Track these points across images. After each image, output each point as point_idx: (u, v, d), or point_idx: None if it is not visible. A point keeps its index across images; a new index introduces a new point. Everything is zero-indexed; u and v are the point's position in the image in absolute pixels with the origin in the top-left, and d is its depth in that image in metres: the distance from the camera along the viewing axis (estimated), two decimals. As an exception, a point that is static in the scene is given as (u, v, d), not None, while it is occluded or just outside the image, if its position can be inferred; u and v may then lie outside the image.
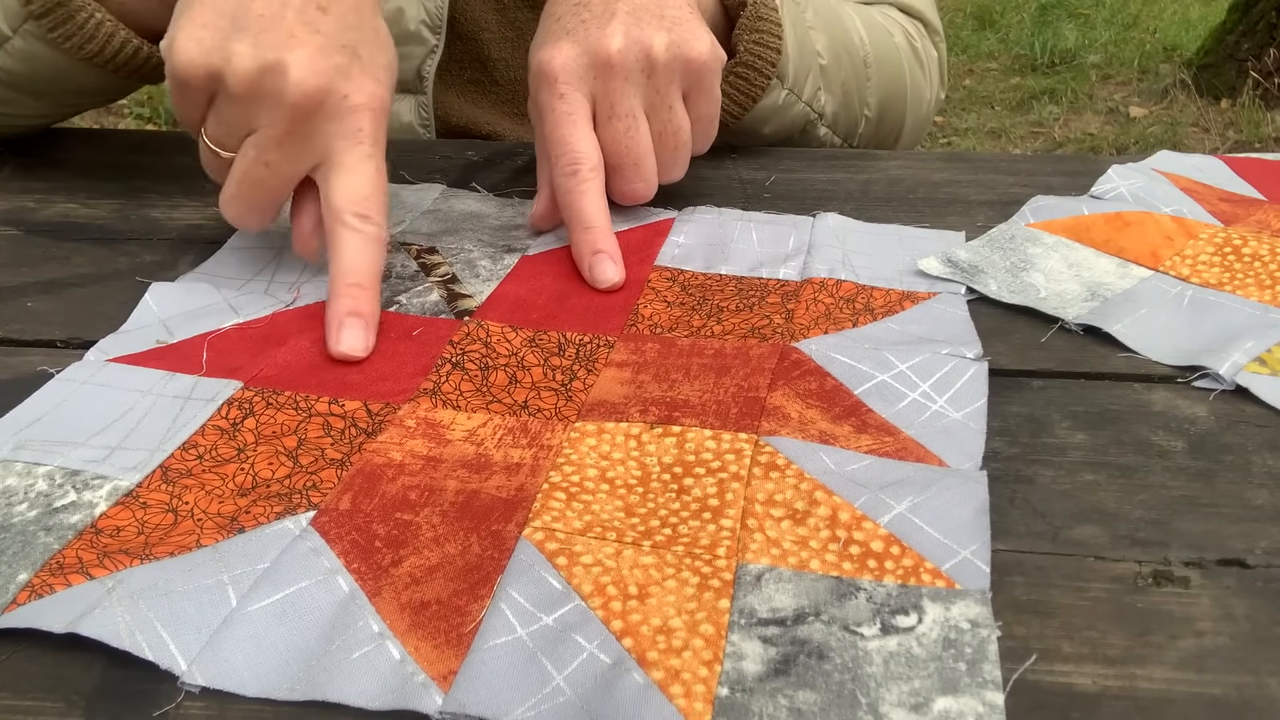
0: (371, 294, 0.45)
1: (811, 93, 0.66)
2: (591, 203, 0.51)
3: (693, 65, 0.52)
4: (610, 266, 0.50)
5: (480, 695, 0.28)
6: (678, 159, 0.55)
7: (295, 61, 0.44)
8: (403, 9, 0.75)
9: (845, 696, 0.28)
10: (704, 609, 0.30)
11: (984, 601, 0.31)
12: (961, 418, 0.39)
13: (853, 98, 0.70)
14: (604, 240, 0.51)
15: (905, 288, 0.49)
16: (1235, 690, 0.28)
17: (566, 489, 0.36)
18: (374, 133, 0.47)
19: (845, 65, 0.69)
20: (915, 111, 0.77)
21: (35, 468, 0.37)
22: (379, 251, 0.46)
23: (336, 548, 0.33)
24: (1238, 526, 0.34)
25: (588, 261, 0.50)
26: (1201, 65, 3.06)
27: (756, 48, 0.60)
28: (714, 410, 0.40)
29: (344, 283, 0.45)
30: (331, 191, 0.46)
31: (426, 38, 0.76)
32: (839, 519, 0.34)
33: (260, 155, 0.46)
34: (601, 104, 0.52)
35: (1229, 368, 0.41)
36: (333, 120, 0.46)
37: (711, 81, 0.54)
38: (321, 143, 0.46)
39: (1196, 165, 0.61)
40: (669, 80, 0.52)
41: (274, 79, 0.44)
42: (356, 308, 0.45)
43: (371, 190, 0.47)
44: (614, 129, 0.52)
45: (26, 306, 0.49)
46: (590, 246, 0.51)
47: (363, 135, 0.47)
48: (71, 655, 0.29)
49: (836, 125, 0.70)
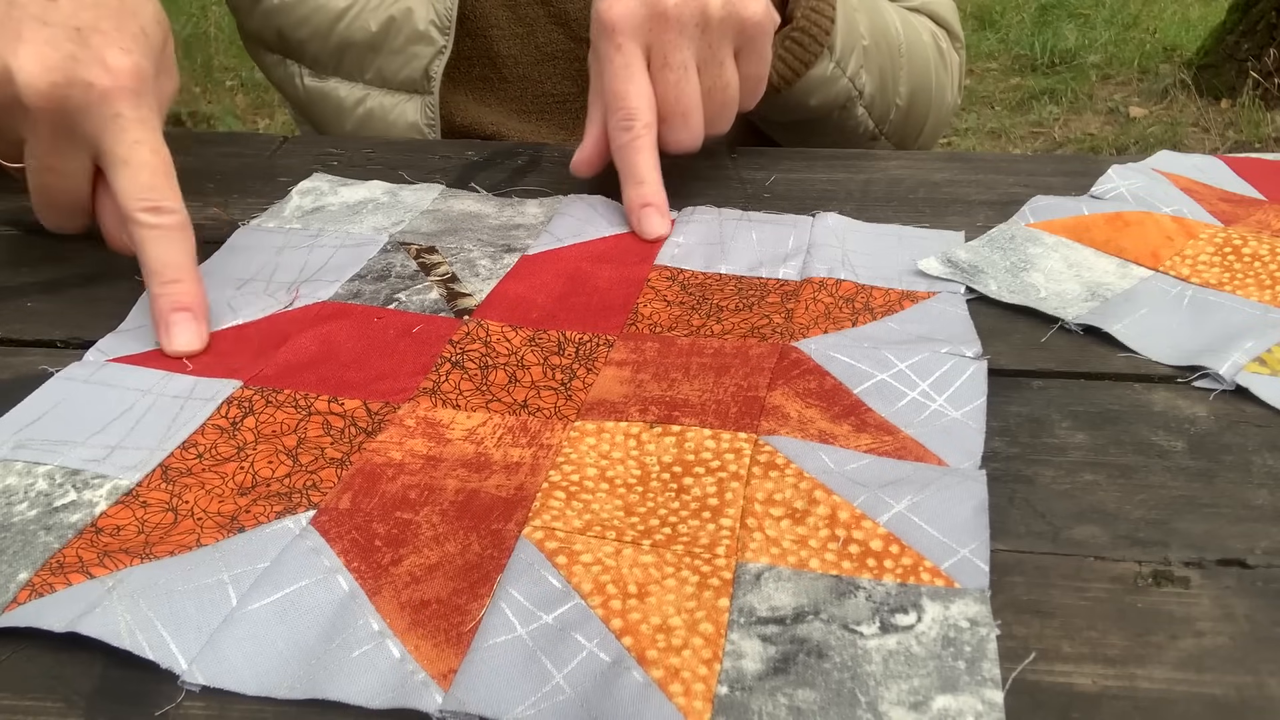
0: (190, 284, 0.44)
1: (855, 69, 0.69)
2: (645, 159, 0.53)
3: (746, 24, 0.54)
4: (658, 220, 0.53)
5: (480, 694, 0.28)
6: (724, 114, 0.56)
7: (21, 64, 0.42)
8: (412, 9, 0.75)
9: (845, 695, 0.28)
10: (703, 608, 0.30)
11: (983, 600, 0.31)
12: (961, 416, 0.39)
13: (888, 82, 0.72)
14: (654, 194, 0.54)
15: (905, 287, 0.49)
16: (1235, 690, 0.28)
17: (566, 488, 0.36)
18: (137, 113, 0.44)
19: (884, 49, 0.72)
20: (939, 109, 0.79)
21: (35, 467, 0.37)
22: (183, 238, 0.45)
23: (336, 547, 0.33)
24: (1238, 526, 0.34)
25: (638, 214, 0.53)
26: (1201, 65, 3.06)
27: (813, 14, 0.63)
28: (713, 409, 0.40)
29: (158, 282, 0.44)
30: (116, 192, 0.45)
31: (435, 38, 0.76)
32: (838, 518, 0.34)
33: (40, 163, 0.45)
34: (655, 53, 0.53)
35: (1229, 368, 0.41)
36: (84, 113, 0.43)
37: (763, 42, 0.55)
38: (86, 139, 0.44)
39: (1196, 165, 0.61)
40: (722, 36, 0.54)
41: (5, 87, 0.42)
42: (178, 303, 0.44)
43: (151, 177, 0.44)
44: (666, 79, 0.53)
45: (26, 306, 0.49)
46: (640, 199, 0.54)
47: (123, 120, 0.44)
48: (71, 655, 0.29)
49: (873, 108, 0.72)
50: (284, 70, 0.84)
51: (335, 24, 0.79)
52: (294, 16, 0.80)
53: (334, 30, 0.79)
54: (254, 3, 0.81)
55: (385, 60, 0.79)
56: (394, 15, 0.76)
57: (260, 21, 0.82)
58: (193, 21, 3.54)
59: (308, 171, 0.63)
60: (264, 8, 0.81)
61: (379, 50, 0.78)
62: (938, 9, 0.82)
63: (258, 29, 0.83)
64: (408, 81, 0.79)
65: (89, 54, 0.43)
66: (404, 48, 0.77)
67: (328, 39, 0.80)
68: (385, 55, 0.78)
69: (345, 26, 0.79)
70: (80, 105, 0.43)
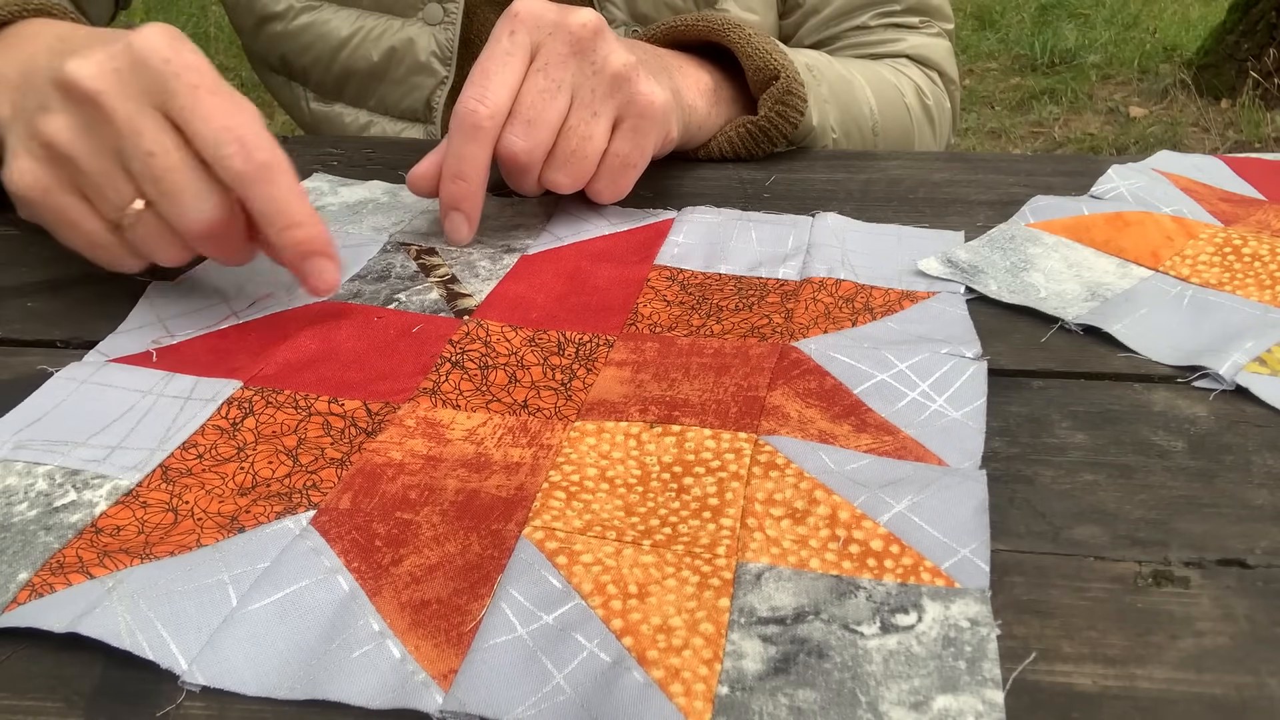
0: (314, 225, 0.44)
1: None
2: (474, 152, 0.50)
3: (637, 98, 0.52)
4: (464, 226, 0.51)
5: (480, 694, 0.28)
6: (573, 162, 0.52)
7: (73, 66, 0.42)
8: (414, 39, 0.75)
9: (845, 695, 0.28)
10: (704, 608, 0.30)
11: (983, 600, 0.31)
12: (961, 417, 0.39)
13: None
14: (468, 199, 0.50)
15: (905, 287, 0.49)
16: (1235, 690, 0.28)
17: (566, 488, 0.36)
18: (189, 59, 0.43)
19: (855, 138, 0.71)
20: None
21: (35, 467, 0.37)
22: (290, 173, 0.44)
23: (337, 547, 0.33)
24: (1238, 526, 0.34)
25: (446, 212, 0.51)
26: (1201, 65, 3.06)
27: (777, 118, 0.63)
28: (713, 409, 0.40)
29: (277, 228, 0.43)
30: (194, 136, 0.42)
31: (437, 69, 0.76)
32: (838, 518, 0.34)
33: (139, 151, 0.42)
34: (540, 57, 0.51)
35: (1229, 368, 0.41)
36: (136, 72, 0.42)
37: (647, 127, 0.53)
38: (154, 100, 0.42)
39: (1196, 165, 0.61)
40: (610, 93, 0.51)
41: (73, 90, 0.42)
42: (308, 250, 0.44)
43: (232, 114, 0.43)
44: (536, 82, 0.50)
45: (26, 306, 0.49)
46: (452, 200, 0.51)
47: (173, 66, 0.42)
48: (71, 655, 0.29)
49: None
50: (290, 92, 0.84)
51: (338, 52, 0.79)
52: (296, 43, 0.80)
53: (336, 59, 0.79)
54: (257, 28, 0.81)
55: (387, 90, 0.79)
56: (395, 46, 0.76)
57: (264, 45, 0.82)
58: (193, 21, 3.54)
59: (308, 172, 0.63)
60: (267, 33, 0.81)
61: (381, 79, 0.78)
62: (929, 54, 0.81)
63: (262, 52, 0.83)
64: (410, 111, 0.79)
65: (119, 41, 0.43)
66: (405, 78, 0.77)
67: (330, 67, 0.80)
68: (387, 85, 0.78)
69: (347, 55, 0.78)
70: (129, 69, 0.42)
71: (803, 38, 0.81)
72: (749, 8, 0.78)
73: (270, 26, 0.80)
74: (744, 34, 0.62)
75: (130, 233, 0.44)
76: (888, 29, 0.80)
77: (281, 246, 0.44)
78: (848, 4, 0.79)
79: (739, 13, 0.77)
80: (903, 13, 0.80)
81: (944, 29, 0.83)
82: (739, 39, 0.62)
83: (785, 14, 0.81)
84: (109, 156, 0.42)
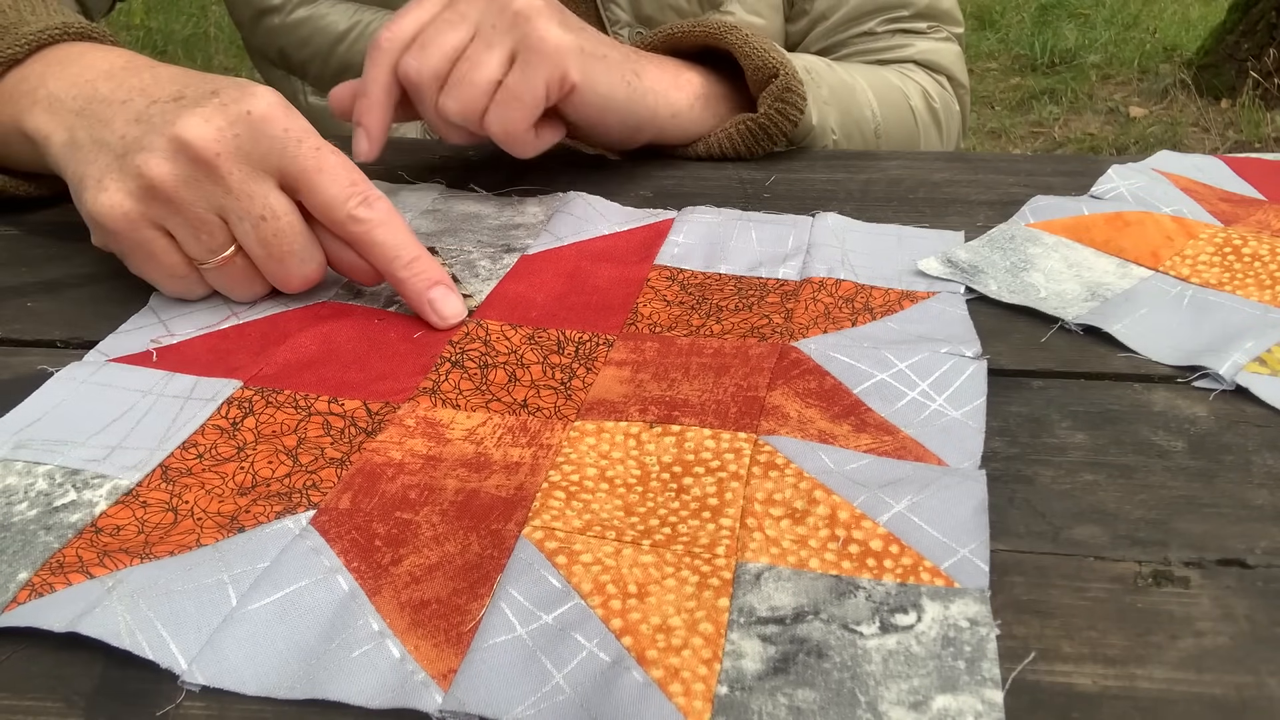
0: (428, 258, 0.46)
1: None
2: (373, 72, 0.54)
3: (531, 35, 0.54)
4: (364, 141, 0.55)
5: (480, 693, 0.28)
6: (458, 88, 0.54)
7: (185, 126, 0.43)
8: None
9: (844, 695, 0.28)
10: (703, 607, 0.30)
11: (983, 600, 0.31)
12: (960, 416, 0.39)
13: None
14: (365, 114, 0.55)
15: (904, 287, 0.49)
16: (1235, 690, 0.28)
17: (566, 488, 0.36)
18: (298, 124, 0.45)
19: (856, 141, 0.71)
20: None
21: (35, 467, 0.37)
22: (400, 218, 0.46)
23: (336, 546, 0.33)
24: (1238, 526, 0.34)
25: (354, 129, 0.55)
26: (1201, 65, 3.06)
27: (777, 115, 0.63)
28: (713, 409, 0.40)
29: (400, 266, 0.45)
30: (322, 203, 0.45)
31: None
32: (838, 518, 0.34)
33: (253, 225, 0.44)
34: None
35: (1229, 368, 0.41)
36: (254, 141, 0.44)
37: (538, 63, 0.54)
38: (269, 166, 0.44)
39: (1196, 165, 0.61)
40: (508, 30, 0.54)
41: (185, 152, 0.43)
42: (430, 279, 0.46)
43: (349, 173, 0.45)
44: (442, 14, 0.55)
45: (26, 306, 0.49)
46: (356, 114, 0.55)
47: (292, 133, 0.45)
48: (71, 655, 0.29)
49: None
50: (288, 86, 0.85)
51: (335, 46, 0.79)
52: (295, 37, 0.80)
53: (334, 53, 0.79)
54: (255, 21, 0.81)
55: None
56: None
57: (263, 39, 0.82)
58: (193, 21, 3.54)
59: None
60: (265, 26, 0.81)
61: None
62: (938, 58, 0.80)
63: (260, 45, 0.84)
64: None
65: (228, 95, 0.45)
66: None
67: (328, 61, 0.80)
68: None
69: (345, 49, 0.79)
70: (248, 136, 0.44)
71: (810, 44, 0.81)
72: (755, 11, 0.78)
73: (268, 20, 0.80)
74: (741, 35, 0.62)
75: (212, 274, 0.46)
76: (895, 35, 0.79)
77: (407, 280, 0.46)
78: (855, 10, 0.79)
79: (744, 16, 0.77)
80: (911, 18, 0.80)
81: (953, 33, 0.82)
82: (736, 40, 0.62)
83: (792, 19, 0.81)
84: (210, 210, 0.44)
